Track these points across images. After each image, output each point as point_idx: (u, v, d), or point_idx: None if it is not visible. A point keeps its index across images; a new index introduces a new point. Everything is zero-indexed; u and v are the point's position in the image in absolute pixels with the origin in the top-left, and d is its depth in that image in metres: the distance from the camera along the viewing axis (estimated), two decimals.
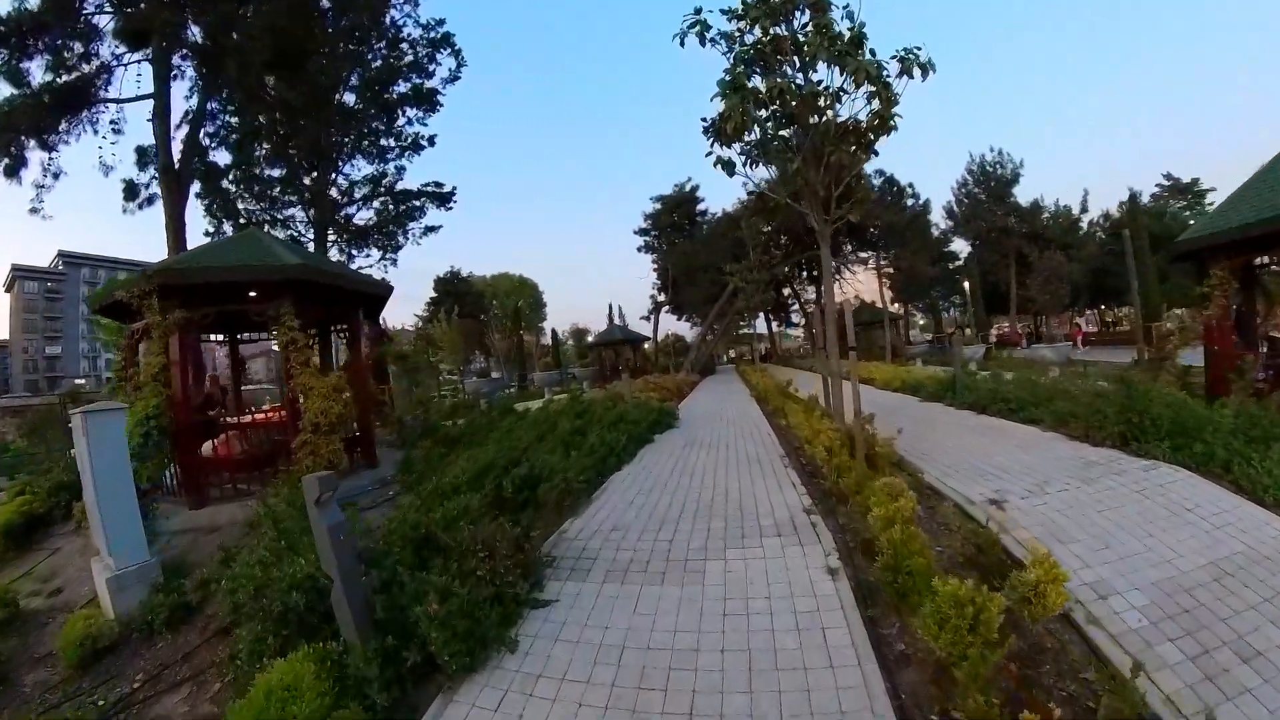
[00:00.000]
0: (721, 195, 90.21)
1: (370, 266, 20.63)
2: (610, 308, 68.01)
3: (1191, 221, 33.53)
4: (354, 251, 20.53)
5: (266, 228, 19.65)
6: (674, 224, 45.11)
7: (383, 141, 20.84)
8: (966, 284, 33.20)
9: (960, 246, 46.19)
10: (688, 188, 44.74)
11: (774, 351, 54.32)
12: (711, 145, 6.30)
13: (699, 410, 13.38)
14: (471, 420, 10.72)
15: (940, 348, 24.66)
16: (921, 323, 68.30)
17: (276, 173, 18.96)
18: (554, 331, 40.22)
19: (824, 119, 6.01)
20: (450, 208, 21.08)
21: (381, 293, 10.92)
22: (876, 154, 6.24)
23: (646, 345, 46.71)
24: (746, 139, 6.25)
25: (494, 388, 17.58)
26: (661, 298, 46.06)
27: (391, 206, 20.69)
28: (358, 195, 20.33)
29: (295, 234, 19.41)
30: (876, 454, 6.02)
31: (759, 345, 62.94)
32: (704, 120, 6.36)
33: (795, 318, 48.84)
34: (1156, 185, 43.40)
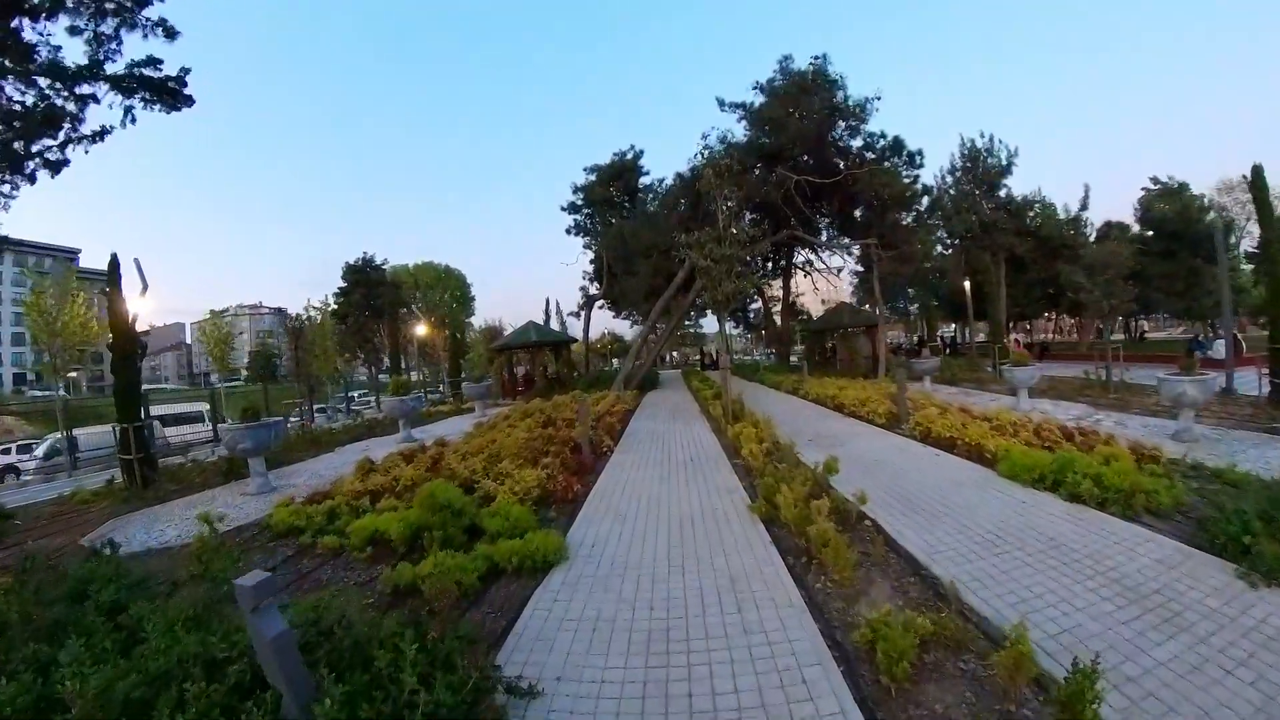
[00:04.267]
0: (670, 164, 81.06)
1: None
2: (548, 303, 59.05)
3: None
4: None
5: None
6: (610, 200, 36.76)
7: None
8: (966, 283, 27.00)
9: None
10: (629, 156, 36.61)
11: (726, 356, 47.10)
12: None
13: (617, 602, 5.13)
14: None
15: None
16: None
17: None
18: (454, 330, 31.28)
19: None
20: (181, 107, 11.82)
21: None
22: None
23: (575, 346, 38.39)
24: None
25: (259, 440, 8.99)
26: (594, 289, 37.80)
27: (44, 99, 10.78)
28: None
29: None
30: None
31: (709, 347, 55.54)
32: None
33: (753, 318, 41.95)
34: (1143, 189, 39.43)
